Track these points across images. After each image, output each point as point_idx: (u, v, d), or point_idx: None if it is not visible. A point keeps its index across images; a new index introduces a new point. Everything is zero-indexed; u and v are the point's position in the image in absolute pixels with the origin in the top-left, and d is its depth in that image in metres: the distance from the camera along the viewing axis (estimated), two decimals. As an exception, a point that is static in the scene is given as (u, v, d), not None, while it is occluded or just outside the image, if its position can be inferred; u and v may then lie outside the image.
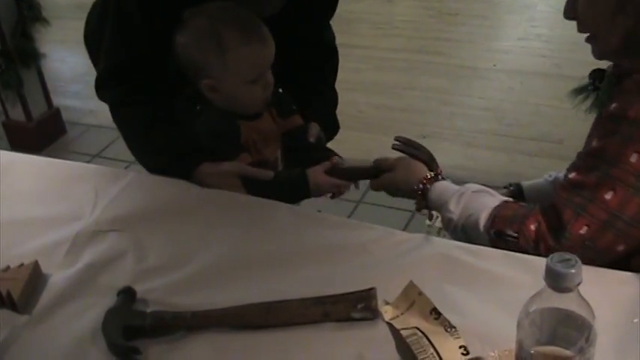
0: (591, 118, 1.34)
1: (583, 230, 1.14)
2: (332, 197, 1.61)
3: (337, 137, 2.36)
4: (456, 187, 1.38)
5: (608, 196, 1.13)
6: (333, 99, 1.88)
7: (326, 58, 1.87)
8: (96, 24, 1.83)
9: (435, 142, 3.44)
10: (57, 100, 3.81)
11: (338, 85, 1.98)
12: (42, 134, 3.67)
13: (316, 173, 1.53)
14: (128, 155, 3.50)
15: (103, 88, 1.65)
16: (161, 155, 1.57)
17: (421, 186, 1.40)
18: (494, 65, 4.07)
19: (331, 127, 1.81)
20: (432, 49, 4.39)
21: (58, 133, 3.78)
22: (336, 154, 1.63)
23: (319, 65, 1.84)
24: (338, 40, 1.87)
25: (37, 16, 3.45)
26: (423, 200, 1.40)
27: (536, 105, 3.61)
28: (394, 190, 1.49)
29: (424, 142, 3.42)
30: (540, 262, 1.12)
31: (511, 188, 1.63)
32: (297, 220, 1.35)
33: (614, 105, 1.17)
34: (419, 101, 3.82)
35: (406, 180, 1.45)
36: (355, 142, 3.37)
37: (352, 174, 1.57)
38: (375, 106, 3.81)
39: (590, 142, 1.20)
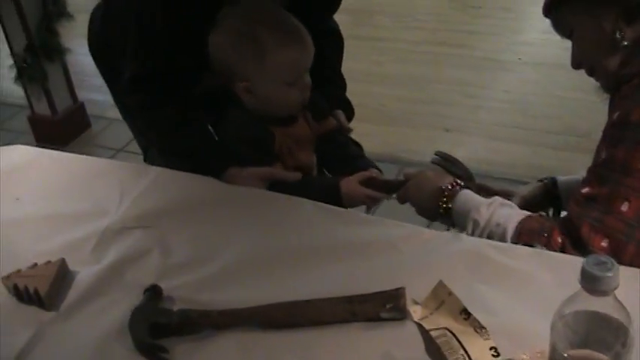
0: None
1: (604, 243, 1.12)
2: (367, 210, 1.57)
3: (359, 130, 2.34)
4: (482, 198, 1.35)
5: (624, 207, 1.11)
6: (344, 85, 1.88)
7: (333, 45, 1.86)
8: (99, 29, 1.82)
9: (458, 135, 3.42)
10: (81, 94, 3.82)
11: (359, 78, 1.98)
12: (67, 128, 3.68)
13: (350, 183, 1.51)
14: (152, 149, 3.52)
15: (127, 94, 1.61)
16: (188, 159, 1.56)
17: (450, 186, 1.38)
18: (520, 58, 4.03)
19: (349, 113, 1.81)
20: (455, 41, 4.35)
21: (82, 127, 3.79)
22: (374, 166, 1.61)
23: (328, 53, 1.82)
24: (360, 32, 1.89)
25: (61, 12, 3.46)
26: (449, 202, 1.36)
27: (561, 98, 3.57)
28: (419, 195, 1.44)
29: (448, 136, 3.44)
30: (571, 260, 1.12)
31: (545, 181, 1.60)
32: (323, 216, 1.34)
33: (616, 113, 1.15)
34: (442, 94, 3.79)
35: (434, 181, 1.42)
36: (377, 135, 3.36)
37: (387, 187, 1.54)
38: (398, 98, 3.79)
39: (599, 155, 1.18)
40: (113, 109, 3.93)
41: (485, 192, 1.60)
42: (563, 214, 1.61)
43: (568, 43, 1.42)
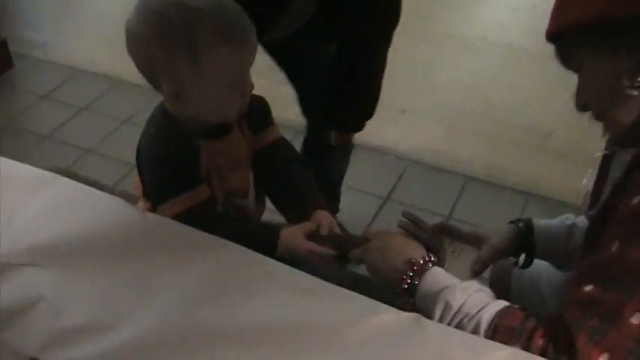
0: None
1: (603, 358, 0.90)
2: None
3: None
4: (456, 279, 1.12)
5: (635, 319, 0.89)
6: None
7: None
8: None
9: (414, 118, 3.19)
10: (5, 30, 3.45)
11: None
12: (-16, 67, 3.33)
13: (293, 236, 1.24)
14: (79, 100, 3.23)
15: None
16: None
17: (421, 261, 1.14)
18: (485, 37, 3.79)
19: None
20: (419, 10, 4.06)
21: (3, 67, 3.43)
22: (326, 204, 1.33)
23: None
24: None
25: None
26: (416, 278, 1.13)
27: (526, 88, 3.35)
28: (382, 263, 1.20)
29: (403, 118, 3.20)
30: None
31: (520, 225, 1.38)
32: (266, 280, 1.06)
33: (637, 199, 0.93)
34: (401, 69, 3.51)
35: (403, 250, 1.18)
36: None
37: (339, 244, 1.27)
38: (354, 71, 3.51)
39: (606, 243, 0.95)
40: (41, 48, 3.63)
41: (453, 236, 1.38)
42: (541, 262, 1.41)
43: (538, 27, 1.19)
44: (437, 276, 1.12)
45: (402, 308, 1.04)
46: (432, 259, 1.15)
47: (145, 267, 1.07)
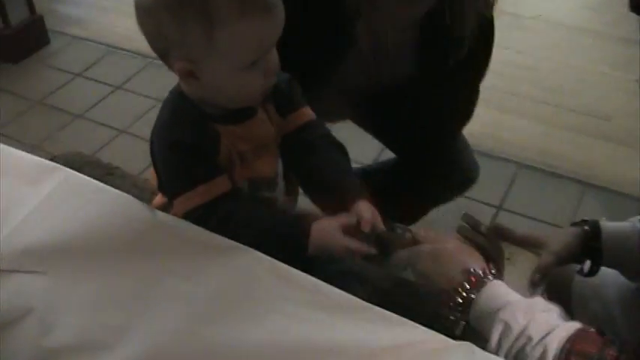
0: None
1: None
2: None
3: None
4: (519, 296, 0.96)
5: None
6: None
7: None
8: None
9: (463, 101, 3.01)
10: (41, 5, 3.37)
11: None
12: (21, 43, 3.27)
13: (327, 230, 1.06)
14: (114, 79, 3.12)
15: None
16: None
17: (481, 273, 0.99)
18: (540, 15, 3.58)
19: None
20: (470, -13, 3.88)
21: (39, 44, 3.37)
22: (367, 198, 1.12)
23: None
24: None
25: None
26: (472, 292, 0.98)
27: (582, 70, 3.14)
28: (431, 268, 1.05)
29: (451, 100, 3.02)
30: None
31: (586, 228, 1.21)
32: (291, 294, 0.92)
33: None
34: (450, 49, 3.35)
35: (461, 259, 1.03)
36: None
37: (381, 240, 1.09)
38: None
39: None
40: (76, 25, 3.54)
41: (507, 239, 1.22)
42: (607, 271, 1.25)
43: (592, 4, 1.03)
44: (496, 291, 0.96)
45: (452, 325, 0.90)
46: (492, 271, 0.99)
47: (151, 275, 0.93)
